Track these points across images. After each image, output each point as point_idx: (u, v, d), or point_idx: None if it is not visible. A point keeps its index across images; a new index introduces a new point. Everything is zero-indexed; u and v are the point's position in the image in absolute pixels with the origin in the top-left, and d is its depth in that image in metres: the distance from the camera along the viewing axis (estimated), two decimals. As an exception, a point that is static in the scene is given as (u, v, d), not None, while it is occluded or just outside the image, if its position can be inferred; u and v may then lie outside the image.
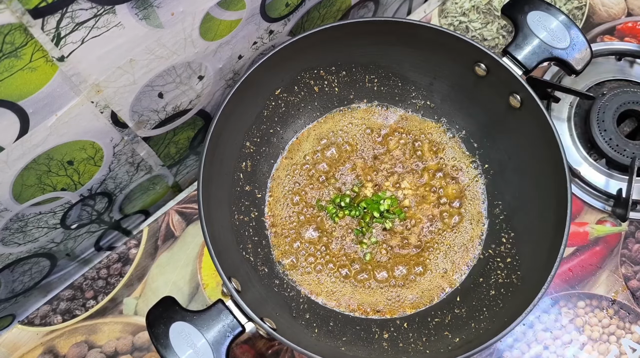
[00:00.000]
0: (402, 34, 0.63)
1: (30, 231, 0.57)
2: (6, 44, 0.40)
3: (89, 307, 0.68)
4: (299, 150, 0.69)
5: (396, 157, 0.69)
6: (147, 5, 0.46)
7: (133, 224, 0.72)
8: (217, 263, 0.52)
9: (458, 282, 0.64)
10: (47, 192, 0.55)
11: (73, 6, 0.41)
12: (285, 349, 0.65)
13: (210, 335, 0.49)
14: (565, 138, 0.72)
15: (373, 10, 0.75)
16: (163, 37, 0.50)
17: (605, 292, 0.68)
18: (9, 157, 0.48)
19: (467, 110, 0.68)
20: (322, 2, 0.65)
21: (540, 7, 0.62)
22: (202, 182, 0.55)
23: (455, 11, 0.81)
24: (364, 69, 0.68)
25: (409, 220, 0.66)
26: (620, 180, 0.70)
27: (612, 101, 0.71)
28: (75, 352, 0.66)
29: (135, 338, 0.66)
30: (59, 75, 0.45)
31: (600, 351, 0.65)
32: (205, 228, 0.54)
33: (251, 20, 0.57)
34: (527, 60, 0.60)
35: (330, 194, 0.67)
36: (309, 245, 0.65)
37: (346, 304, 0.63)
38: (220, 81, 0.62)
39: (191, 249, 0.69)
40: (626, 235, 0.70)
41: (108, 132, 0.55)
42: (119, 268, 0.69)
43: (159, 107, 0.58)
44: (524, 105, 0.60)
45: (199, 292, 0.68)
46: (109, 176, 0.60)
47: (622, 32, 0.79)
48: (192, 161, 0.71)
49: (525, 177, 0.63)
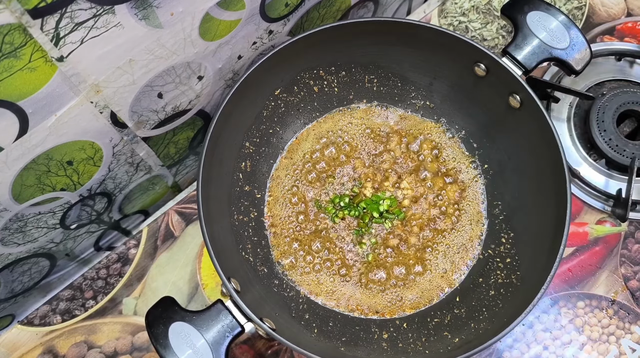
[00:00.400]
0: (401, 34, 0.63)
1: (29, 231, 0.57)
2: (5, 44, 0.40)
3: (89, 307, 0.68)
4: (298, 151, 0.69)
5: (396, 157, 0.69)
6: (146, 5, 0.46)
7: (132, 224, 0.72)
8: (216, 263, 0.52)
9: (457, 282, 0.64)
10: (47, 192, 0.55)
11: (72, 6, 0.41)
12: (284, 349, 0.65)
13: (210, 336, 0.49)
14: (565, 138, 0.72)
15: (373, 10, 0.75)
16: (162, 37, 0.50)
17: (604, 292, 0.68)
18: (8, 157, 0.48)
19: (466, 110, 0.68)
20: (321, 2, 0.65)
21: (540, 7, 0.62)
22: (201, 182, 0.55)
23: (454, 11, 0.81)
24: (363, 69, 0.68)
25: (409, 220, 0.66)
26: (619, 181, 0.70)
27: (611, 101, 0.71)
28: (74, 352, 0.66)
29: (134, 339, 0.66)
30: (58, 75, 0.45)
31: (600, 351, 0.65)
32: (204, 228, 0.54)
33: (251, 20, 0.57)
34: (527, 60, 0.60)
35: (330, 194, 0.67)
36: (308, 246, 0.65)
37: (345, 304, 0.63)
38: (220, 81, 0.62)
39: (190, 249, 0.69)
40: (626, 236, 0.70)
41: (107, 132, 0.55)
42: (119, 269, 0.69)
43: (159, 107, 0.58)
44: (524, 106, 0.60)
45: (198, 292, 0.68)
46: (108, 176, 0.60)
47: (622, 32, 0.79)
48: (191, 161, 0.71)
49: (524, 177, 0.63)
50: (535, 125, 0.59)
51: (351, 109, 0.71)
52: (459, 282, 0.64)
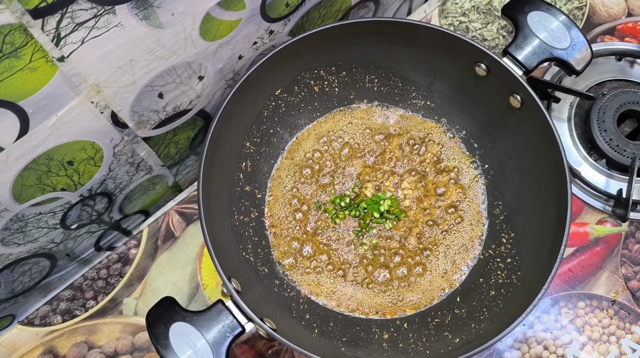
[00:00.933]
0: (402, 34, 0.63)
1: (30, 231, 0.57)
2: (6, 44, 0.40)
3: (89, 307, 0.67)
4: (299, 151, 0.69)
5: (396, 157, 0.69)
6: (147, 5, 0.46)
7: (133, 224, 0.72)
8: (217, 263, 0.52)
9: (458, 283, 0.64)
10: (47, 193, 0.55)
11: (73, 6, 0.41)
12: (285, 349, 0.65)
13: (210, 336, 0.49)
14: (565, 138, 0.72)
15: (373, 10, 0.75)
16: (163, 37, 0.50)
17: (605, 292, 0.68)
18: (8, 157, 0.48)
19: (467, 110, 0.68)
20: (322, 3, 0.65)
21: (541, 8, 0.62)
22: (202, 182, 0.55)
23: (455, 11, 0.81)
24: (364, 69, 0.68)
25: (409, 221, 0.66)
26: (620, 181, 0.70)
27: (612, 101, 0.71)
28: (75, 352, 0.66)
29: (135, 339, 0.66)
30: (59, 75, 0.45)
31: (600, 351, 0.65)
32: (205, 228, 0.54)
33: (251, 20, 0.57)
34: (528, 60, 0.60)
35: (330, 195, 0.67)
36: (308, 246, 0.65)
37: (346, 304, 0.63)
38: (221, 81, 0.62)
39: (191, 249, 0.69)
40: (626, 236, 0.70)
41: (108, 132, 0.55)
42: (119, 269, 0.69)
43: (159, 107, 0.58)
44: (524, 106, 0.60)
45: (198, 292, 0.68)
46: (109, 176, 0.60)
47: (623, 32, 0.79)
48: (192, 161, 0.71)
49: (525, 178, 0.63)
50: (536, 125, 0.59)
51: (352, 109, 0.71)
52: (460, 282, 0.64)
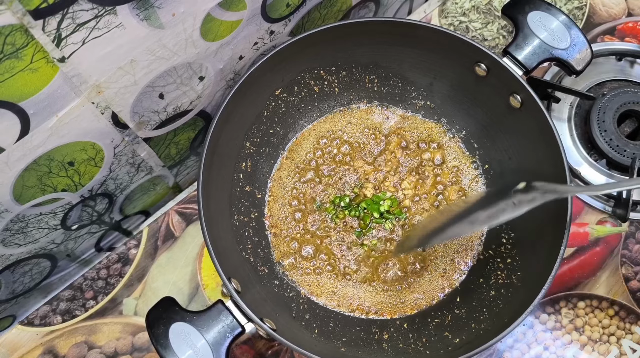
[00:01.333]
0: (402, 34, 0.63)
1: (30, 232, 0.57)
2: (7, 44, 0.40)
3: (89, 307, 0.68)
4: (299, 151, 0.69)
5: (396, 157, 0.69)
6: (148, 6, 0.46)
7: (133, 225, 0.72)
8: (217, 263, 0.52)
9: (458, 283, 0.64)
10: (48, 193, 0.55)
11: (74, 7, 0.41)
12: (284, 350, 0.65)
13: (210, 336, 0.49)
14: (565, 138, 0.72)
15: (374, 10, 0.75)
16: (164, 37, 0.50)
17: (605, 292, 0.68)
18: (9, 158, 0.48)
19: (467, 110, 0.68)
20: (323, 3, 0.65)
21: (541, 7, 0.62)
22: (202, 182, 0.55)
23: (455, 11, 0.81)
24: (364, 69, 0.68)
25: (409, 221, 0.66)
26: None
27: (612, 101, 0.71)
28: (75, 352, 0.66)
29: (135, 339, 0.66)
30: (60, 76, 0.45)
31: (600, 352, 0.65)
32: (205, 228, 0.54)
33: (252, 20, 0.57)
34: (528, 60, 0.60)
35: (330, 195, 0.67)
36: (308, 246, 0.65)
37: (346, 305, 0.63)
38: (221, 82, 0.62)
39: (191, 249, 0.69)
40: (626, 236, 0.70)
41: (109, 133, 0.55)
42: (119, 269, 0.69)
43: (160, 108, 0.58)
44: (524, 106, 0.60)
45: (198, 293, 0.68)
46: (109, 177, 0.60)
47: (623, 32, 0.79)
48: (192, 162, 0.71)
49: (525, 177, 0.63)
50: (536, 125, 0.59)
51: (352, 109, 0.71)
52: (460, 282, 0.64)
